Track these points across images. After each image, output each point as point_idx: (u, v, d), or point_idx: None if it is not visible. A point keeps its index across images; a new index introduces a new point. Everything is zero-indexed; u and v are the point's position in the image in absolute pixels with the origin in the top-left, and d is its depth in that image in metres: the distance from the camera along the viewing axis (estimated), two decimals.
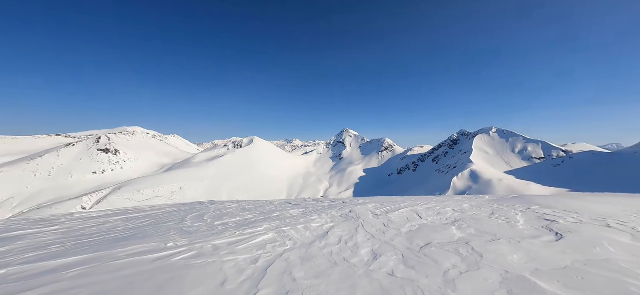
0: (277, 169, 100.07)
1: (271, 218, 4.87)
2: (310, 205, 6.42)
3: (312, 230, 3.96)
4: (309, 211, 5.45)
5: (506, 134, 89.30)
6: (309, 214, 5.15)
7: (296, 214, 5.15)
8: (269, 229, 4.03)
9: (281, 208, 6.05)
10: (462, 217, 4.46)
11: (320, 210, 5.60)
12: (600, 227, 3.63)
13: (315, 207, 5.98)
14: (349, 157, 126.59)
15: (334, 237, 3.61)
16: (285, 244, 3.32)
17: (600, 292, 1.93)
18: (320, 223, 4.36)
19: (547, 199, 6.19)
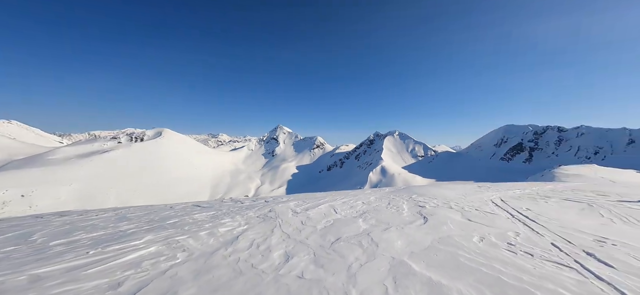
0: (198, 166, 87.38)
1: (162, 227, 3.96)
2: (225, 207, 5.67)
3: (219, 237, 3.43)
4: (221, 214, 4.79)
5: (403, 136, 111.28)
6: (220, 217, 4.51)
7: (202, 219, 4.40)
8: (152, 241, 3.21)
9: (184, 212, 5.07)
10: (368, 209, 5.02)
11: (235, 211, 5.01)
12: (447, 208, 4.86)
13: (230, 209, 5.32)
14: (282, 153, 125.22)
15: (245, 242, 3.24)
16: (174, 258, 2.70)
17: (444, 265, 2.46)
18: (231, 227, 3.87)
19: (422, 188, 7.95)
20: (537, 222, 3.79)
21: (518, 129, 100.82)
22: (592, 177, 26.22)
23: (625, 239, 2.94)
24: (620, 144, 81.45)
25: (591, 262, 2.36)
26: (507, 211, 4.51)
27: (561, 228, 3.50)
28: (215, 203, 6.23)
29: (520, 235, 3.24)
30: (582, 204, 5.00)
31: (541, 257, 2.52)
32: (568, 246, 2.81)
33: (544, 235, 3.20)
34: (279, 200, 6.26)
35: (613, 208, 4.60)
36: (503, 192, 6.94)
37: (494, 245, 2.89)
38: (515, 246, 2.86)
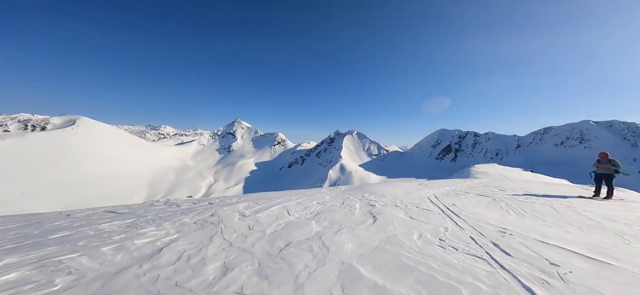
0: (129, 162, 74.39)
1: (39, 244, 2.99)
2: (152, 212, 4.74)
3: (132, 251, 2.78)
4: (143, 221, 3.95)
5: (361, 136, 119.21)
6: (140, 225, 3.71)
7: (111, 229, 3.53)
8: (14, 266, 2.35)
9: (85, 222, 3.98)
10: (322, 210, 5.00)
11: (165, 218, 4.21)
12: (393, 207, 5.29)
13: (159, 215, 4.46)
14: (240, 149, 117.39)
15: (171, 255, 2.71)
16: (49, 285, 2.03)
17: (389, 266, 2.57)
18: (153, 237, 3.21)
19: (374, 187, 8.55)
20: (460, 217, 4.46)
21: (448, 133, 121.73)
22: (493, 174, 33.82)
23: (518, 229, 3.71)
24: (512, 147, 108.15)
25: (496, 252, 2.86)
26: (439, 207, 5.18)
27: (476, 221, 4.21)
28: (138, 208, 5.09)
29: (448, 230, 3.73)
30: (489, 199, 6.21)
31: (463, 251, 2.91)
32: (481, 238, 3.36)
33: (464, 229, 3.75)
34: (226, 202, 5.62)
35: (509, 201, 5.87)
36: (436, 189, 8.06)
37: (430, 242, 3.22)
38: (445, 241, 3.25)
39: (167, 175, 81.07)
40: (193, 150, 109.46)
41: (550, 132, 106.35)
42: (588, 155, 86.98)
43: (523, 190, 7.77)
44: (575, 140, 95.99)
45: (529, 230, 3.66)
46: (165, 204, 5.51)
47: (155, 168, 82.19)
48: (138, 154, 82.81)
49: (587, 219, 4.40)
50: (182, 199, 6.41)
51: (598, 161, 7.24)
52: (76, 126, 75.17)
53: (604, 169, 6.99)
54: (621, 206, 5.60)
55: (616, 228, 3.78)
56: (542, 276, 2.21)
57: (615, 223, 4.08)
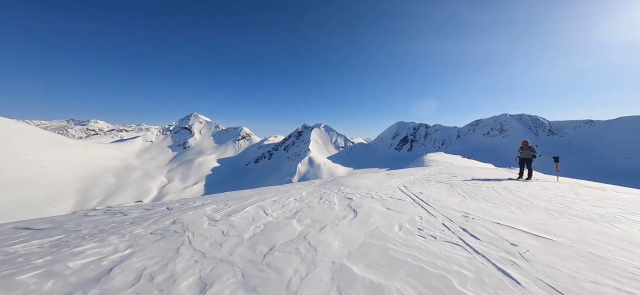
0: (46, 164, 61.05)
1: None
2: (87, 224, 3.72)
3: (67, 276, 2.15)
4: (74, 238, 3.08)
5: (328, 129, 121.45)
6: (72, 243, 2.87)
7: (29, 251, 2.66)
8: None
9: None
10: (301, 207, 4.80)
11: (108, 230, 3.39)
12: (370, 198, 5.46)
13: (96, 227, 3.56)
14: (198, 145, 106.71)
15: (127, 275, 2.18)
16: None
17: (379, 262, 2.57)
18: (96, 256, 2.53)
19: (347, 179, 8.75)
20: (429, 204, 4.86)
21: (405, 125, 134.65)
22: (441, 161, 39.02)
23: (476, 212, 4.23)
24: (454, 137, 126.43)
25: (467, 237, 3.17)
26: (409, 196, 5.56)
27: (442, 207, 4.65)
28: (66, 220, 3.93)
29: (423, 219, 4.00)
30: (446, 185, 7.00)
31: (441, 239, 3.14)
32: (451, 224, 3.69)
33: (436, 217, 4.09)
34: (189, 206, 4.88)
35: (462, 186, 6.72)
36: (403, 178, 8.71)
37: (410, 233, 3.38)
38: (423, 230, 3.46)
39: (103, 177, 68.17)
40: (137, 148, 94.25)
41: (480, 124, 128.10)
42: (506, 143, 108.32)
43: (470, 176, 9.04)
44: (497, 131, 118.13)
45: (485, 213, 4.22)
46: (106, 214, 4.43)
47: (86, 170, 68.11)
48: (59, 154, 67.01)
49: (521, 199, 5.34)
50: (129, 205, 5.31)
51: (521, 148, 8.88)
52: None
53: (525, 154, 8.62)
54: (538, 186, 7.03)
55: (543, 205, 4.68)
56: (509, 257, 2.52)
57: (541, 201, 5.06)
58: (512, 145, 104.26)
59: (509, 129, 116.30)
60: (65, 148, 71.63)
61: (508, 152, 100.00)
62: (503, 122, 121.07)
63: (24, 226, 3.57)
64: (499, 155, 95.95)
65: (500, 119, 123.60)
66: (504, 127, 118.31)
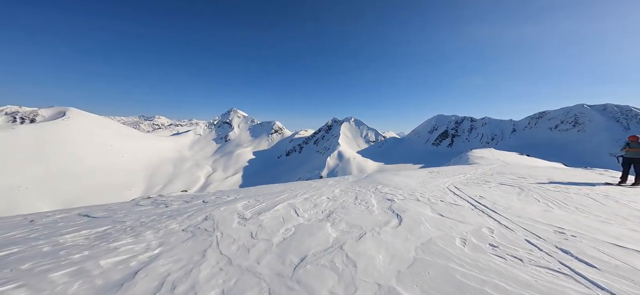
0: (125, 153, 72.88)
1: None
2: (133, 214, 3.91)
3: (94, 277, 2.05)
4: (119, 229, 3.17)
5: (358, 123, 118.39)
6: (113, 235, 2.93)
7: (75, 242, 2.75)
8: None
9: (46, 232, 3.10)
10: (334, 207, 4.31)
11: (148, 223, 3.43)
12: (414, 201, 4.63)
13: (141, 218, 3.68)
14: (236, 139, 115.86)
15: (149, 281, 1.99)
16: None
17: (443, 288, 1.90)
18: (127, 254, 2.45)
19: (384, 176, 7.90)
20: (497, 212, 3.82)
21: (445, 118, 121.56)
22: (491, 158, 33.79)
23: (575, 228, 3.08)
24: (507, 131, 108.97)
25: (575, 263, 2.21)
26: (466, 201, 4.54)
27: (518, 218, 3.57)
28: (119, 209, 4.30)
29: (494, 231, 3.08)
30: (515, 188, 5.60)
31: (530, 262, 2.26)
32: (540, 242, 2.71)
33: (513, 230, 3.11)
34: (222, 200, 4.88)
35: (539, 191, 5.27)
36: (451, 177, 7.44)
37: (480, 250, 2.56)
38: (499, 248, 2.59)
39: (164, 166, 79.85)
40: (189, 141, 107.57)
41: (545, 116, 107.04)
42: (580, 139, 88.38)
43: (545, 177, 7.20)
44: (569, 124, 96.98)
45: (589, 230, 3.04)
46: (152, 204, 4.73)
47: (152, 159, 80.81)
48: (133, 145, 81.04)
49: (636, 211, 3.83)
50: (173, 196, 5.64)
51: (627, 145, 6.65)
52: (67, 118, 72.57)
53: (635, 153, 6.41)
54: None
55: None
56: None
57: None
58: (588, 142, 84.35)
59: (587, 122, 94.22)
60: (137, 140, 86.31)
61: (582, 149, 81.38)
62: (578, 114, 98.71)
63: (85, 212, 3.98)
64: (569, 153, 78.98)
65: (574, 111, 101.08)
66: (579, 119, 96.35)
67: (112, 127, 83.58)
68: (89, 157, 63.51)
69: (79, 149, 64.50)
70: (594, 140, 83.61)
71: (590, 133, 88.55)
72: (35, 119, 76.41)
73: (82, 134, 71.39)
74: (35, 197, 45.26)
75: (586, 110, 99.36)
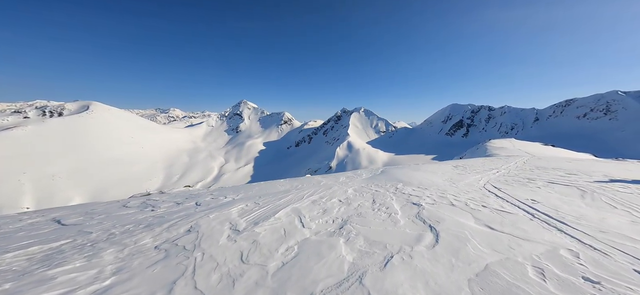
0: (144, 145, 75.52)
1: None
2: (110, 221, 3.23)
3: None
4: (74, 246, 2.49)
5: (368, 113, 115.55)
6: (63, 255, 2.24)
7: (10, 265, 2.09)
8: None
9: None
10: (348, 214, 3.50)
11: (117, 236, 2.77)
12: (448, 206, 3.71)
13: (110, 230, 3.03)
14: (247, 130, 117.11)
15: None
16: None
17: None
18: (63, 288, 1.75)
19: (403, 172, 6.93)
20: (568, 224, 2.84)
21: (460, 107, 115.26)
22: (511, 149, 31.33)
23: None
24: (529, 121, 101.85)
25: None
26: (516, 206, 3.55)
27: (603, 233, 2.59)
28: (100, 211, 3.69)
29: (580, 255, 2.15)
30: (571, 189, 4.50)
31: None
32: None
33: (607, 254, 2.16)
34: (218, 201, 4.21)
35: (604, 192, 4.15)
36: (482, 173, 6.36)
37: (572, 288, 1.66)
38: (602, 285, 1.68)
39: (180, 157, 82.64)
40: (203, 132, 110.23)
41: (573, 104, 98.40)
42: (612, 128, 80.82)
43: (601, 173, 5.94)
44: (600, 112, 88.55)
45: None
46: (139, 207, 4.15)
47: (169, 150, 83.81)
48: (152, 137, 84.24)
49: None
50: (167, 195, 5.07)
51: None
52: (90, 111, 76.23)
53: None
54: None
55: None
56: None
57: None
58: (620, 131, 76.68)
59: (620, 109, 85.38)
60: (155, 132, 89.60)
61: (613, 139, 74.29)
62: (610, 101, 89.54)
63: (59, 218, 3.44)
64: (598, 143, 72.46)
65: (606, 98, 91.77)
66: (612, 107, 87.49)
67: (132, 120, 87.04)
68: (112, 149, 66.80)
69: (104, 141, 67.91)
70: (628, 129, 75.91)
71: (624, 121, 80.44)
72: (63, 112, 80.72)
73: (105, 126, 74.90)
74: (69, 186, 48.44)
75: (620, 96, 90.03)
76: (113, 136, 70.22)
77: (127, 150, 68.36)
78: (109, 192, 49.82)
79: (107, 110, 78.96)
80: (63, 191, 45.44)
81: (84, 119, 70.74)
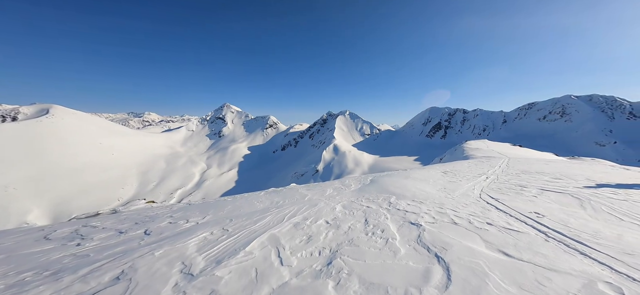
0: (115, 151, 69.79)
1: None
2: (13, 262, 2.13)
3: None
4: None
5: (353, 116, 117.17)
6: None
7: None
8: None
9: None
10: (338, 241, 2.86)
11: None
12: (451, 226, 3.21)
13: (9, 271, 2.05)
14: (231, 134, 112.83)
15: None
16: None
17: None
18: None
19: (394, 180, 6.47)
20: (587, 244, 2.47)
21: (438, 110, 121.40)
22: (486, 150, 33.15)
23: None
24: (498, 122, 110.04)
25: None
26: (522, 221, 3.18)
27: (631, 257, 2.23)
28: (4, 251, 2.63)
29: (625, 291, 1.70)
30: (565, 196, 4.31)
31: None
32: None
33: None
34: (174, 228, 3.34)
35: (599, 200, 3.97)
36: (473, 180, 6.12)
37: None
38: None
39: (157, 163, 76.91)
40: (182, 137, 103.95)
41: (534, 107, 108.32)
42: (568, 129, 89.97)
43: (583, 177, 5.96)
44: (557, 115, 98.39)
45: None
46: (66, 238, 3.15)
47: (144, 156, 77.66)
48: (124, 142, 77.51)
49: None
50: (117, 217, 4.06)
51: None
52: (51, 115, 68.35)
53: None
54: None
55: None
56: None
57: None
58: (575, 131, 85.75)
59: (574, 112, 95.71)
60: (128, 137, 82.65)
61: (570, 138, 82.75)
62: (566, 104, 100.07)
63: None
64: (557, 143, 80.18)
65: (561, 101, 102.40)
66: (567, 110, 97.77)
67: (100, 124, 79.62)
68: (78, 155, 60.39)
69: (68, 147, 61.25)
70: (581, 130, 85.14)
71: (578, 123, 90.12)
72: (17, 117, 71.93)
73: (69, 131, 67.70)
74: (25, 197, 42.60)
75: (573, 100, 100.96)
76: (78, 142, 63.52)
77: (94, 157, 62.12)
78: (71, 203, 44.81)
79: (71, 114, 71.46)
80: (19, 202, 39.95)
81: (43, 123, 63.26)
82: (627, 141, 73.29)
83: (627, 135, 76.81)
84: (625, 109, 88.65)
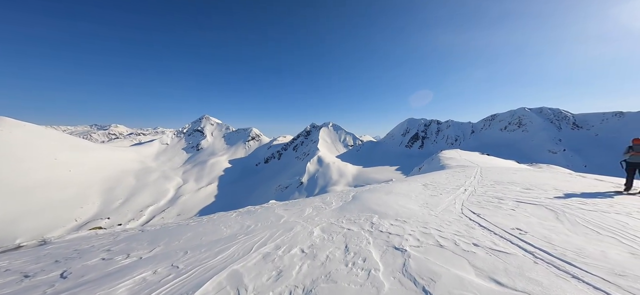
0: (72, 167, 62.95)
1: None
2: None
3: None
4: None
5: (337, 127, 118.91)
6: None
7: None
8: None
9: None
10: (313, 277, 2.38)
11: None
12: (437, 249, 2.94)
13: None
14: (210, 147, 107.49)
15: None
16: None
17: None
18: None
19: (374, 197, 6.21)
20: (575, 265, 2.31)
21: (415, 122, 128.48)
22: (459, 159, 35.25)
23: None
24: (467, 133, 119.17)
25: None
26: (507, 240, 3.00)
27: (621, 278, 2.08)
28: None
29: None
30: (541, 209, 4.33)
31: None
32: None
33: None
34: (107, 266, 2.60)
35: (572, 211, 4.02)
36: (452, 193, 6.08)
37: None
38: None
39: (124, 179, 69.79)
40: (155, 151, 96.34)
41: (496, 118, 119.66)
42: (525, 138, 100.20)
43: (550, 187, 6.21)
44: (515, 125, 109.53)
45: None
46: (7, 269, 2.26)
47: (109, 171, 70.14)
48: (84, 157, 69.51)
49: None
50: (40, 248, 3.15)
51: (631, 148, 5.96)
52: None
53: None
54: None
55: None
56: None
57: None
58: (531, 140, 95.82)
59: (528, 123, 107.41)
60: (89, 151, 74.44)
61: (527, 147, 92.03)
62: (521, 116, 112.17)
63: None
64: (517, 151, 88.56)
65: (517, 113, 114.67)
66: (523, 121, 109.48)
67: (56, 138, 71.03)
68: (27, 173, 52.62)
69: (14, 164, 53.22)
70: (536, 139, 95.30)
71: (532, 133, 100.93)
72: None
73: (17, 146, 59.28)
74: None
75: (527, 112, 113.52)
76: (29, 157, 55.66)
77: (47, 174, 54.69)
78: (19, 225, 38.48)
79: (19, 127, 63.03)
80: None
81: None
82: (574, 149, 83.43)
83: (573, 143, 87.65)
84: (570, 120, 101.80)
